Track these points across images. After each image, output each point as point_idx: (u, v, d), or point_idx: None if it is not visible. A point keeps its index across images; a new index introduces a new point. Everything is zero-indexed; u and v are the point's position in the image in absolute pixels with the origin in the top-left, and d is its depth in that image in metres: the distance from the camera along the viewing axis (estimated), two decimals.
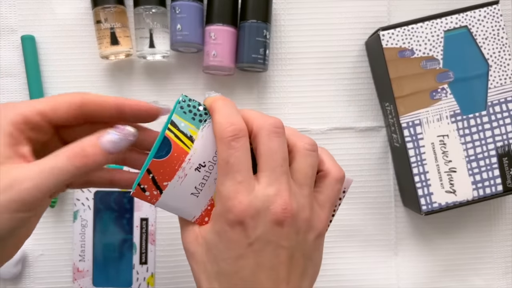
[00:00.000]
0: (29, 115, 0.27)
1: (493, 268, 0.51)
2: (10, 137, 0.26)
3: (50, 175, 0.26)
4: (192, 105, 0.30)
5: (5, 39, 0.50)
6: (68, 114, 0.28)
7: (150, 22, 0.47)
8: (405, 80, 0.46)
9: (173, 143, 0.29)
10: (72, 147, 0.27)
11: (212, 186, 0.29)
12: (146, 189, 0.29)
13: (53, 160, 0.26)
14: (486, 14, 0.46)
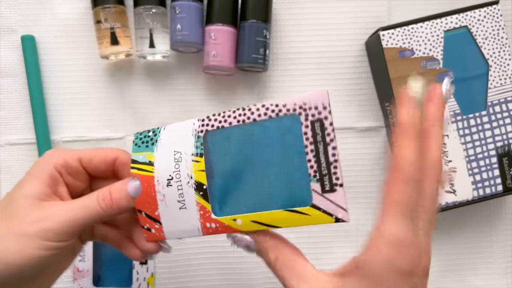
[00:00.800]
0: (69, 160, 0.31)
1: (493, 268, 0.51)
2: (50, 178, 0.30)
3: (80, 212, 0.29)
4: (143, 136, 0.32)
5: (5, 39, 0.50)
6: (101, 165, 0.32)
7: (150, 22, 0.47)
8: (405, 80, 0.45)
9: (140, 177, 0.31)
10: (102, 190, 0.31)
11: (189, 190, 0.30)
12: (150, 228, 0.31)
13: (84, 200, 0.30)
14: (486, 14, 0.46)
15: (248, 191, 0.29)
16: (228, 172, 0.30)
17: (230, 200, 0.30)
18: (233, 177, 0.30)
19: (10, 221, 0.29)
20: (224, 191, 0.30)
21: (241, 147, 0.30)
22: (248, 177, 0.29)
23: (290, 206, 0.28)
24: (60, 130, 0.50)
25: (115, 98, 0.50)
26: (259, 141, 0.29)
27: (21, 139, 0.50)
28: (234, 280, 0.51)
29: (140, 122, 0.50)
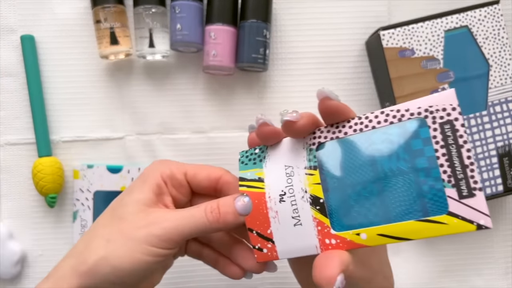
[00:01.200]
0: (175, 172, 0.32)
1: (493, 269, 0.51)
2: (157, 187, 0.31)
3: (187, 221, 0.29)
4: (249, 154, 0.31)
5: (4, 39, 0.50)
6: (205, 181, 0.33)
7: (149, 22, 0.47)
8: (405, 80, 0.46)
9: (250, 194, 0.30)
10: (211, 202, 0.31)
11: (304, 205, 0.28)
12: (261, 247, 0.30)
13: (192, 210, 0.30)
14: (487, 14, 0.46)
15: (372, 203, 0.27)
16: (347, 184, 0.28)
17: (351, 213, 0.28)
18: (354, 188, 0.28)
19: (120, 224, 0.29)
20: (344, 204, 0.28)
21: (360, 157, 0.28)
22: (371, 188, 0.27)
23: (423, 215, 0.26)
24: (59, 130, 0.50)
25: (115, 98, 0.50)
26: (380, 149, 0.27)
27: (21, 139, 0.50)
28: (233, 280, 0.51)
29: (140, 122, 0.50)
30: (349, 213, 0.28)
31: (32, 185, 0.49)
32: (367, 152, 0.28)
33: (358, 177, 0.28)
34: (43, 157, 0.48)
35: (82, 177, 0.49)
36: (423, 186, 0.26)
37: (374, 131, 0.28)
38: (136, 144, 0.50)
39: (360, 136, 0.28)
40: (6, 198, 0.50)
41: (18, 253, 0.48)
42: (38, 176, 0.47)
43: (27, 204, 0.50)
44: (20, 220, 0.50)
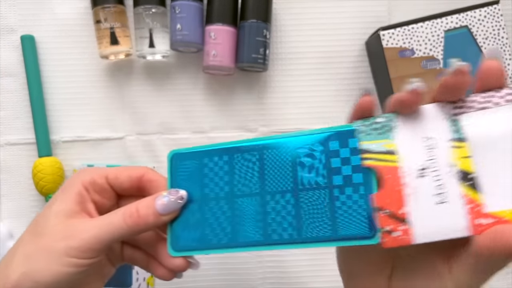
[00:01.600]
0: (95, 177, 0.32)
1: None
2: (79, 195, 0.31)
3: (105, 229, 0.29)
4: (370, 123, 0.28)
5: (5, 39, 0.50)
6: (127, 182, 0.32)
7: (150, 22, 0.47)
8: (405, 80, 0.46)
9: (378, 168, 0.26)
10: (129, 206, 0.30)
11: (451, 181, 0.25)
12: (392, 230, 0.26)
13: (110, 217, 0.29)
14: (487, 14, 0.46)
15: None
16: (500, 157, 0.25)
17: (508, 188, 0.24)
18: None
19: (40, 239, 0.29)
20: (498, 180, 0.25)
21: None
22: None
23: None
24: (59, 130, 0.50)
25: (115, 98, 0.50)
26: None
27: (21, 139, 0.50)
28: (234, 280, 0.51)
29: (140, 122, 0.50)
30: (506, 189, 0.24)
31: (32, 185, 0.49)
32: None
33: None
34: (43, 157, 0.48)
35: None
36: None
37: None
38: (136, 144, 0.50)
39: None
40: (6, 198, 0.50)
41: None
42: (38, 176, 0.47)
43: (27, 204, 0.50)
44: (20, 220, 0.50)
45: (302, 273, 0.51)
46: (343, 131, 0.28)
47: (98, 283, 0.33)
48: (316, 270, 0.51)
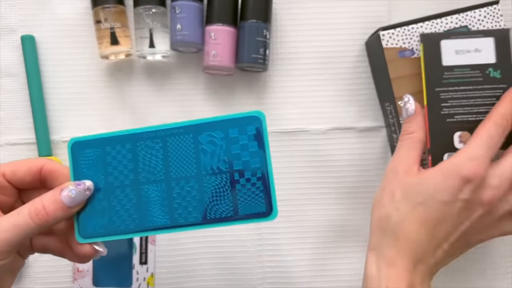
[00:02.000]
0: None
1: (493, 268, 0.51)
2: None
3: (13, 232, 0.28)
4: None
5: (5, 39, 0.50)
6: (26, 176, 0.31)
7: (150, 22, 0.47)
8: (405, 80, 0.46)
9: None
10: (34, 203, 0.29)
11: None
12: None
13: (15, 217, 0.28)
14: (486, 14, 0.46)
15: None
16: None
17: None
18: None
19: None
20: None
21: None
22: None
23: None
24: (60, 130, 0.50)
25: (115, 98, 0.50)
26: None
27: (21, 139, 0.50)
28: (233, 280, 0.51)
29: (140, 122, 0.50)
30: None
31: None
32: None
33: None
34: (44, 157, 0.48)
35: None
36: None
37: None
38: None
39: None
40: None
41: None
42: None
43: None
44: None
45: (302, 273, 0.51)
46: (242, 118, 0.29)
47: (10, 277, 0.32)
48: (316, 270, 0.51)
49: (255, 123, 0.28)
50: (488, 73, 0.44)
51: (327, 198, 0.51)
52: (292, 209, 0.51)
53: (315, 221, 0.51)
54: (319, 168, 0.51)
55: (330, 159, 0.50)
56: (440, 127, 0.45)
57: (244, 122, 0.28)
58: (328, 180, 0.51)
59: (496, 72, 0.44)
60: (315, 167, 0.51)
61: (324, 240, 0.51)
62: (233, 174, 0.29)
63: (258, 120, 0.28)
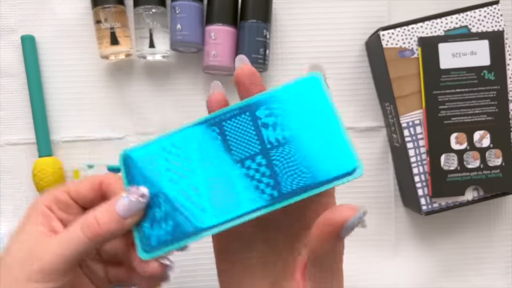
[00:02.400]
0: (57, 195, 0.29)
1: (493, 268, 0.51)
2: (42, 216, 0.28)
3: (66, 246, 0.26)
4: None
5: (5, 39, 0.50)
6: (89, 193, 0.30)
7: (150, 22, 0.47)
8: (405, 80, 0.46)
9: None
10: (86, 216, 0.27)
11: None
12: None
13: (69, 232, 0.27)
14: (487, 14, 0.46)
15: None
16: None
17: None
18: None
19: (3, 269, 0.27)
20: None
21: None
22: None
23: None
24: (60, 130, 0.50)
25: (115, 98, 0.50)
26: None
27: (21, 139, 0.50)
28: None
29: (140, 122, 0.50)
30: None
31: (32, 185, 0.49)
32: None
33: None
34: (44, 157, 0.48)
35: (82, 177, 0.49)
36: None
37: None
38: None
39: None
40: (6, 198, 0.50)
41: None
42: (38, 176, 0.47)
43: (27, 204, 0.50)
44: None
45: None
46: (296, 84, 0.28)
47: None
48: None
49: (312, 84, 0.26)
50: (483, 75, 0.45)
51: None
52: None
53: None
54: None
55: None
56: (437, 129, 0.45)
57: (300, 87, 0.26)
58: None
59: (490, 74, 0.45)
60: None
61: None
62: (302, 138, 0.27)
63: (315, 81, 0.26)
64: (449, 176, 0.45)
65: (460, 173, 0.45)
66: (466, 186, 0.45)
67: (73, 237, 0.26)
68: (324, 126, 0.27)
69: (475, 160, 0.45)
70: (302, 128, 0.27)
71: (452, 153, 0.45)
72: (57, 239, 0.27)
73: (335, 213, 0.24)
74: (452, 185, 0.45)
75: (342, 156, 0.26)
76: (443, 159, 0.45)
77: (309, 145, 0.27)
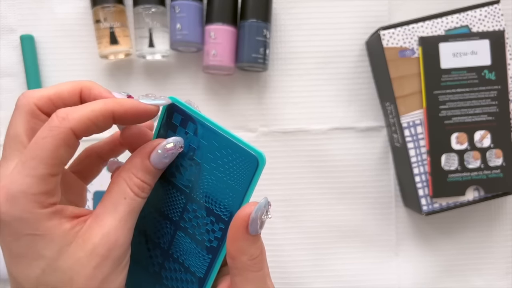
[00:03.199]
0: (41, 104, 0.27)
1: (494, 269, 0.51)
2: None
3: (129, 218, 0.24)
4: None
5: (4, 39, 0.49)
6: (70, 97, 0.26)
7: (149, 22, 0.47)
8: (405, 79, 0.46)
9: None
10: (129, 178, 0.25)
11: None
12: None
13: (124, 205, 0.24)
14: (487, 14, 0.46)
15: None
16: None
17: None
18: None
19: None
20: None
21: None
22: None
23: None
24: None
25: None
26: None
27: None
28: None
29: None
30: None
31: None
32: None
33: None
34: None
35: None
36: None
37: None
38: None
39: None
40: None
41: None
42: None
43: None
44: None
45: (302, 273, 0.51)
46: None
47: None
48: (316, 270, 0.51)
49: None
50: (483, 75, 0.45)
51: (327, 198, 0.50)
52: (292, 209, 0.50)
53: (315, 221, 0.50)
54: (319, 168, 0.50)
55: (330, 159, 0.50)
56: (438, 129, 0.45)
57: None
58: (328, 180, 0.51)
59: (491, 73, 0.44)
60: (315, 167, 0.50)
61: (324, 240, 0.51)
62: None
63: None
64: (450, 176, 0.45)
65: (461, 173, 0.45)
66: (467, 186, 0.45)
67: (132, 202, 0.24)
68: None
69: (475, 160, 0.45)
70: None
71: (452, 153, 0.45)
72: (111, 222, 0.23)
73: (238, 213, 0.23)
74: (453, 185, 0.45)
75: (243, 160, 0.24)
76: (444, 159, 0.45)
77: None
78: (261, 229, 0.23)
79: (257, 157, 0.24)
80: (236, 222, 0.23)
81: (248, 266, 0.23)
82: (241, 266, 0.23)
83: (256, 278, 0.24)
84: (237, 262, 0.23)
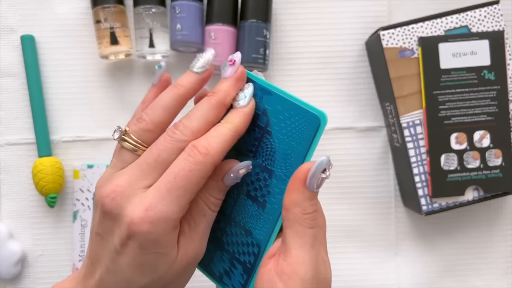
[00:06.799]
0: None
1: (493, 269, 0.51)
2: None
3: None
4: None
5: (4, 39, 0.50)
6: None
7: (150, 22, 0.47)
8: (405, 80, 0.46)
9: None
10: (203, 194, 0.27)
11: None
12: None
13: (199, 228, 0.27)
14: (487, 14, 0.46)
15: None
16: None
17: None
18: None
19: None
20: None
21: None
22: None
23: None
24: (59, 130, 0.50)
25: (115, 98, 0.50)
26: None
27: (21, 139, 0.50)
28: None
29: None
30: None
31: (32, 185, 0.49)
32: None
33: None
34: (43, 157, 0.48)
35: (82, 177, 0.49)
36: None
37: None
38: None
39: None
40: (6, 198, 0.50)
41: (18, 253, 0.48)
42: (38, 176, 0.47)
43: (27, 204, 0.50)
44: (20, 220, 0.50)
45: None
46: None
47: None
48: None
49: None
50: (483, 75, 0.45)
51: (327, 198, 0.50)
52: None
53: None
54: None
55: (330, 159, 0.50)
56: (437, 129, 0.45)
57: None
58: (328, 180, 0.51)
59: (490, 74, 0.45)
60: None
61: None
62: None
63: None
64: (449, 176, 0.45)
65: (460, 173, 0.45)
66: (466, 186, 0.45)
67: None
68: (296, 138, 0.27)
69: (475, 160, 0.45)
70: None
71: (452, 153, 0.45)
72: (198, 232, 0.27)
73: (299, 168, 0.25)
74: (452, 185, 0.45)
75: (305, 120, 0.26)
76: (443, 159, 0.45)
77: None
78: (318, 188, 0.25)
79: (319, 116, 0.25)
80: (295, 175, 0.25)
81: (299, 219, 0.25)
82: (293, 218, 0.25)
83: (305, 234, 0.26)
84: (290, 213, 0.25)
